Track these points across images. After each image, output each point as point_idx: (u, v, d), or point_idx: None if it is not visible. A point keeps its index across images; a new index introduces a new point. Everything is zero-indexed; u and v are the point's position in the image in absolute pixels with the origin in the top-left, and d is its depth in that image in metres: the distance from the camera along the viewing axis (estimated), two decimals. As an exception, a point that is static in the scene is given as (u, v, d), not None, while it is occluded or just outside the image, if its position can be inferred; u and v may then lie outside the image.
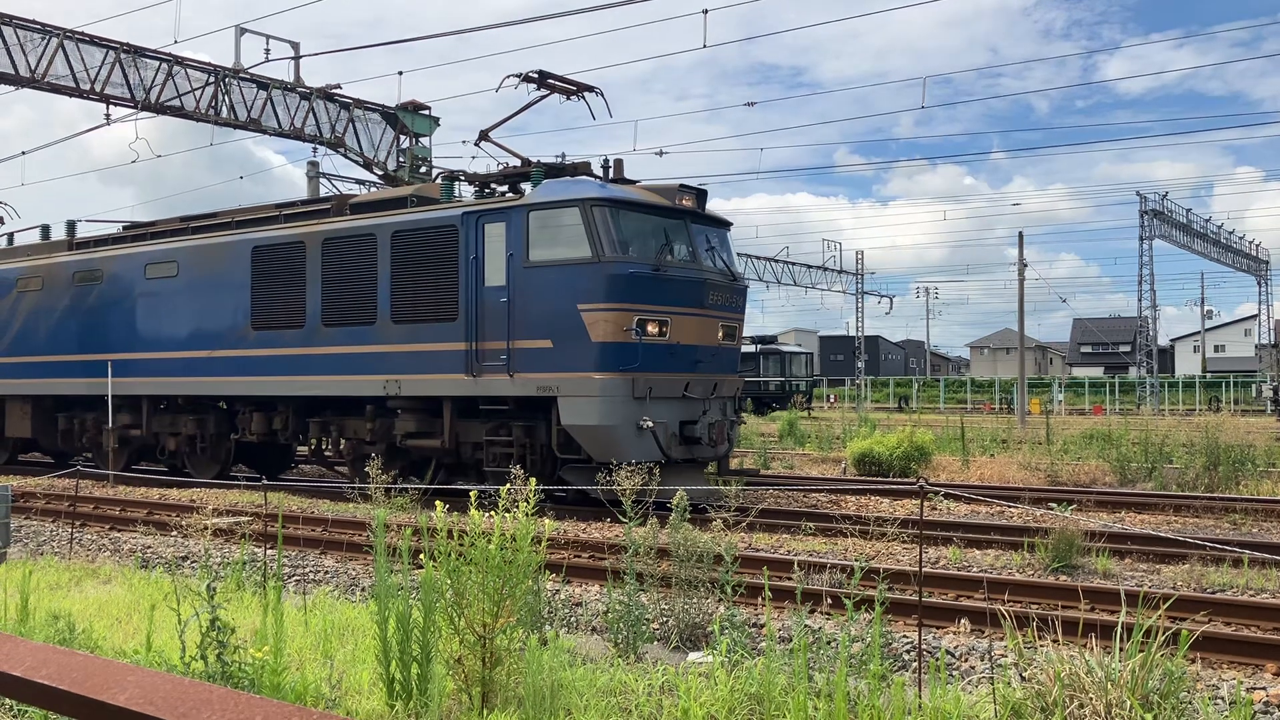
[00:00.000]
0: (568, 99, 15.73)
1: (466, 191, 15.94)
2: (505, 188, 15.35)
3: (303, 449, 18.75)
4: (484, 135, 15.87)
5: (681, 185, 14.74)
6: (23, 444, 22.16)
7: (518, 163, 15.43)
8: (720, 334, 14.68)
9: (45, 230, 22.42)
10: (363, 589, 9.63)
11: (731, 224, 15.72)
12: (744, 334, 16.66)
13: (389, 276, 15.26)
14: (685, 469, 13.92)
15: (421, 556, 5.30)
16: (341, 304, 15.86)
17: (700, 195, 15.04)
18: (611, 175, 14.81)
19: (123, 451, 19.66)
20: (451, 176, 15.93)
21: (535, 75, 15.27)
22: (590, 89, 15.69)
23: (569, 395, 13.45)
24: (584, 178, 14.62)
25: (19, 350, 20.97)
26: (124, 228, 20.88)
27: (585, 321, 13.40)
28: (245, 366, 17.00)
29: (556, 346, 13.60)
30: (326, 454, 17.37)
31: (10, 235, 23.74)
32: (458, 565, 5.00)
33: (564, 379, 13.50)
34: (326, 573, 10.53)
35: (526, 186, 14.95)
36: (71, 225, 21.65)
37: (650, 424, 13.33)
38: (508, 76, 15.23)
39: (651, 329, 13.56)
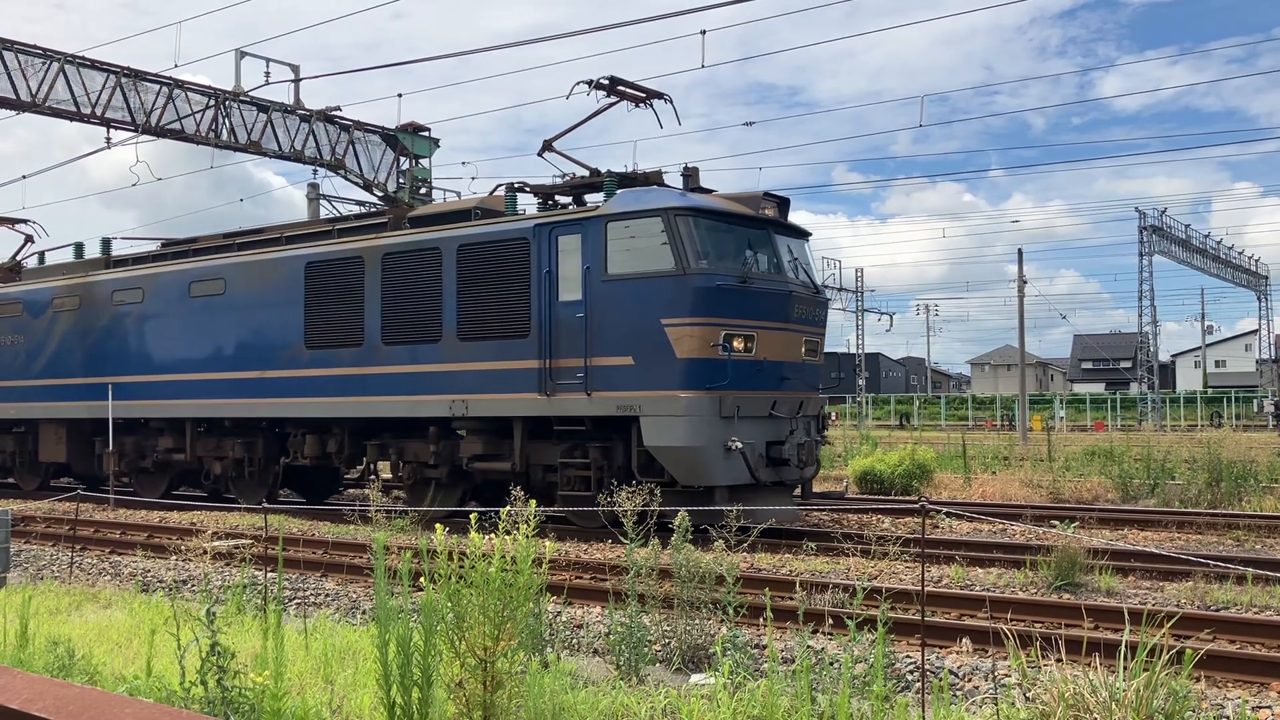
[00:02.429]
0: (636, 106, 15.14)
1: (528, 204, 15.31)
2: (570, 199, 14.85)
3: (351, 473, 18.05)
4: (548, 145, 15.18)
5: (766, 193, 14.23)
6: (56, 469, 21.49)
7: (584, 173, 14.85)
8: (804, 349, 14.12)
9: (79, 248, 21.89)
10: (363, 612, 9.60)
11: (811, 234, 15.18)
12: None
13: (455, 292, 14.67)
14: (772, 491, 13.38)
15: (422, 579, 5.28)
16: (403, 321, 15.25)
17: (783, 204, 14.48)
18: (688, 185, 14.28)
19: (163, 476, 19.14)
20: (516, 188, 15.29)
21: (606, 82, 14.64)
22: (659, 95, 15.09)
23: (652, 414, 12.84)
24: (658, 186, 14.14)
25: (54, 373, 20.31)
26: (162, 245, 20.29)
27: (670, 337, 12.83)
28: (298, 387, 16.38)
29: (638, 363, 13.01)
30: (384, 477, 16.77)
31: (41, 254, 23.27)
32: (458, 588, 4.98)
33: (647, 398, 12.91)
34: (327, 596, 10.49)
35: (591, 198, 14.48)
36: (107, 243, 21.16)
37: (739, 445, 12.69)
38: (578, 83, 14.66)
39: (737, 344, 12.97)
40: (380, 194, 29.17)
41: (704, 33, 16.85)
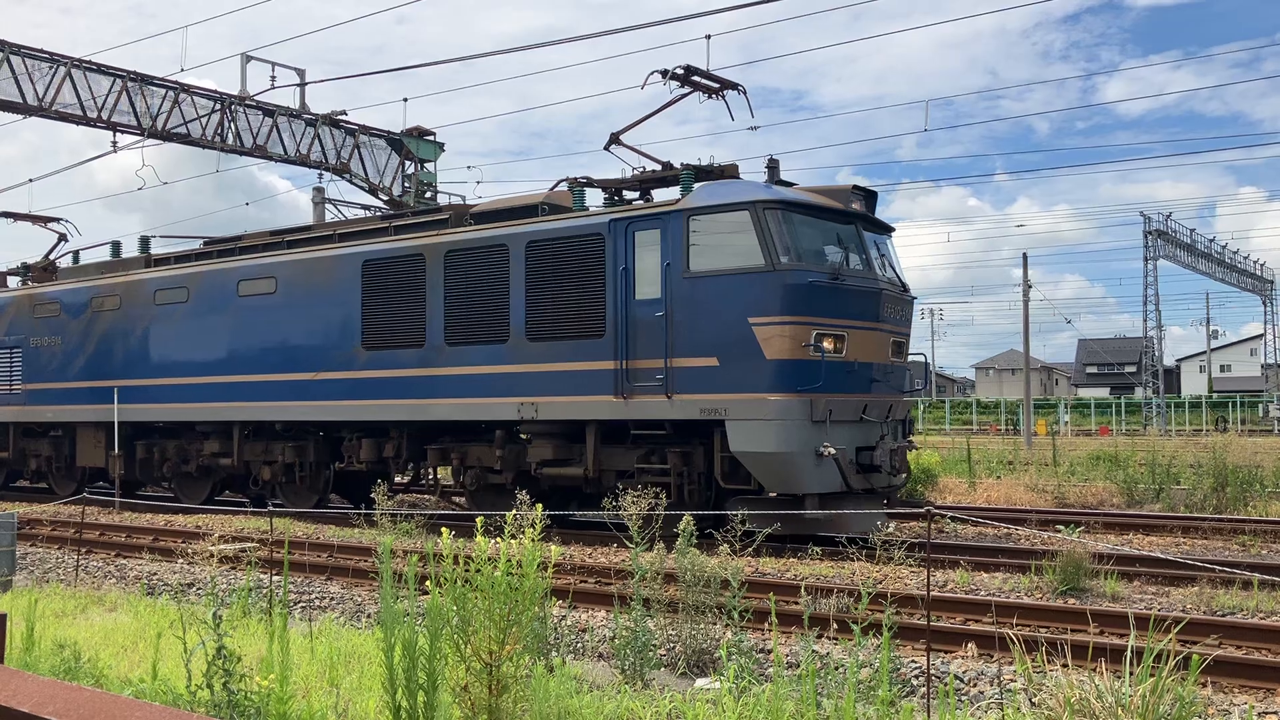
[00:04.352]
0: (709, 97, 14.70)
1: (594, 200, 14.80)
2: (636, 194, 14.42)
3: (400, 478, 17.50)
4: (614, 138, 14.71)
5: (855, 186, 13.69)
6: (93, 474, 20.90)
7: (655, 167, 14.36)
8: (891, 350, 13.56)
9: (116, 247, 21.41)
10: (368, 615, 9.61)
11: (895, 229, 14.66)
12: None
13: (523, 290, 14.06)
14: (863, 499, 12.85)
15: (428, 583, 5.28)
16: (468, 321, 14.65)
17: (871, 197, 13.98)
18: (771, 178, 13.73)
19: (206, 481, 18.76)
20: (583, 183, 14.74)
21: (681, 71, 14.17)
22: (733, 86, 14.60)
23: (739, 418, 12.27)
24: (739, 180, 13.67)
25: (93, 374, 19.69)
26: (205, 243, 19.72)
27: (758, 336, 12.23)
28: (355, 389, 15.75)
29: (723, 365, 12.42)
30: (443, 483, 16.45)
31: (75, 254, 22.85)
32: (464, 592, 4.99)
33: (733, 400, 12.32)
34: (332, 599, 10.50)
35: (659, 193, 14.08)
36: (145, 241, 20.70)
37: (832, 451, 12.13)
38: (652, 73, 14.24)
39: (828, 345, 12.37)
40: (385, 198, 29.25)
41: (709, 37, 16.83)
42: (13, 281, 23.59)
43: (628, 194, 14.56)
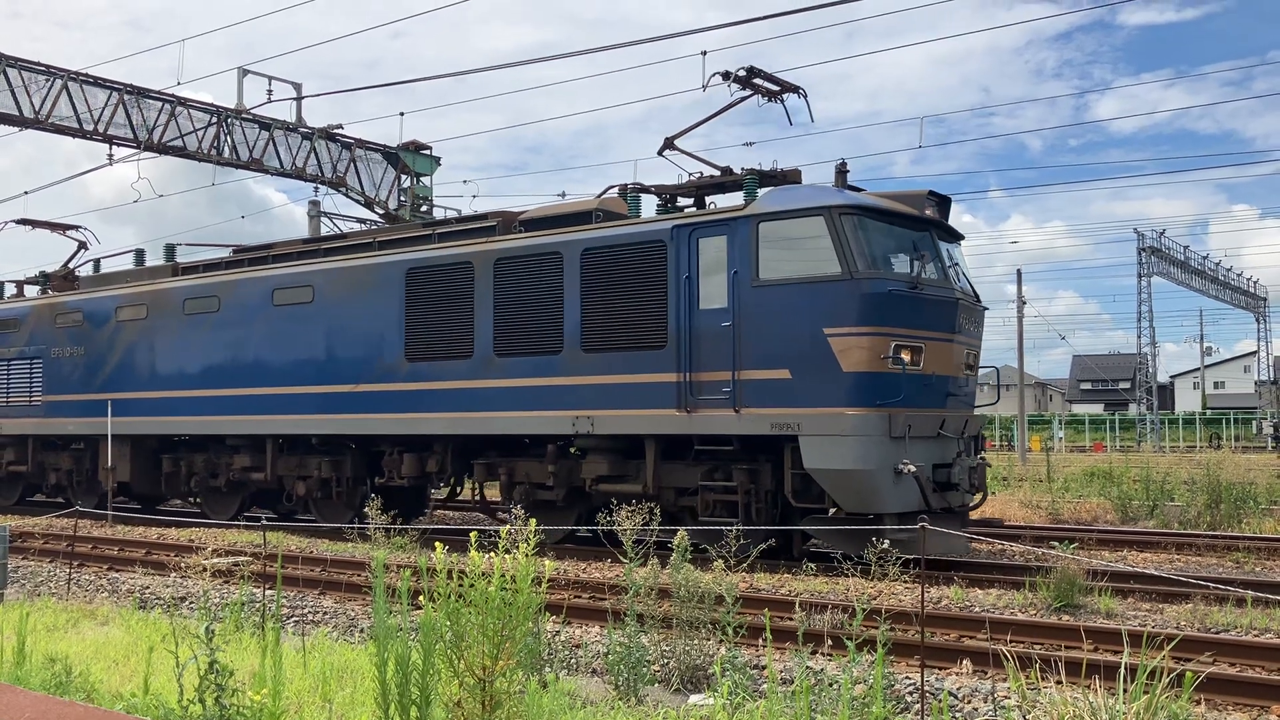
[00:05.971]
0: (769, 100, 14.20)
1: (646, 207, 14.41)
2: (690, 200, 14.01)
3: (437, 493, 17.19)
4: (669, 143, 14.28)
5: (930, 192, 13.22)
6: (116, 488, 20.03)
7: (712, 172, 13.94)
8: (964, 363, 13.12)
9: (139, 255, 21.10)
10: (362, 630, 9.58)
11: (964, 236, 14.10)
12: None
13: (578, 299, 13.57)
14: (942, 519, 12.06)
15: (421, 598, 5.27)
16: (519, 331, 14.14)
17: (944, 203, 13.53)
18: (838, 182, 13.27)
19: (235, 497, 18.32)
20: (637, 189, 14.30)
21: (743, 73, 13.75)
22: (795, 89, 14.21)
23: (813, 434, 11.79)
24: (808, 184, 13.33)
25: (116, 386, 19.02)
26: (235, 250, 19.16)
27: (834, 348, 11.75)
28: (397, 402, 15.20)
29: (796, 377, 11.93)
30: (490, 499, 16.19)
31: (96, 262, 22.33)
32: (457, 607, 4.97)
33: (806, 415, 11.84)
34: (325, 613, 10.46)
35: (716, 200, 13.75)
36: (171, 249, 20.20)
37: (913, 468, 11.63)
38: (714, 74, 13.89)
39: (906, 357, 11.89)
40: (381, 211, 29.30)
41: (705, 53, 16.83)
42: (31, 291, 23.08)
43: (682, 200, 14.19)
